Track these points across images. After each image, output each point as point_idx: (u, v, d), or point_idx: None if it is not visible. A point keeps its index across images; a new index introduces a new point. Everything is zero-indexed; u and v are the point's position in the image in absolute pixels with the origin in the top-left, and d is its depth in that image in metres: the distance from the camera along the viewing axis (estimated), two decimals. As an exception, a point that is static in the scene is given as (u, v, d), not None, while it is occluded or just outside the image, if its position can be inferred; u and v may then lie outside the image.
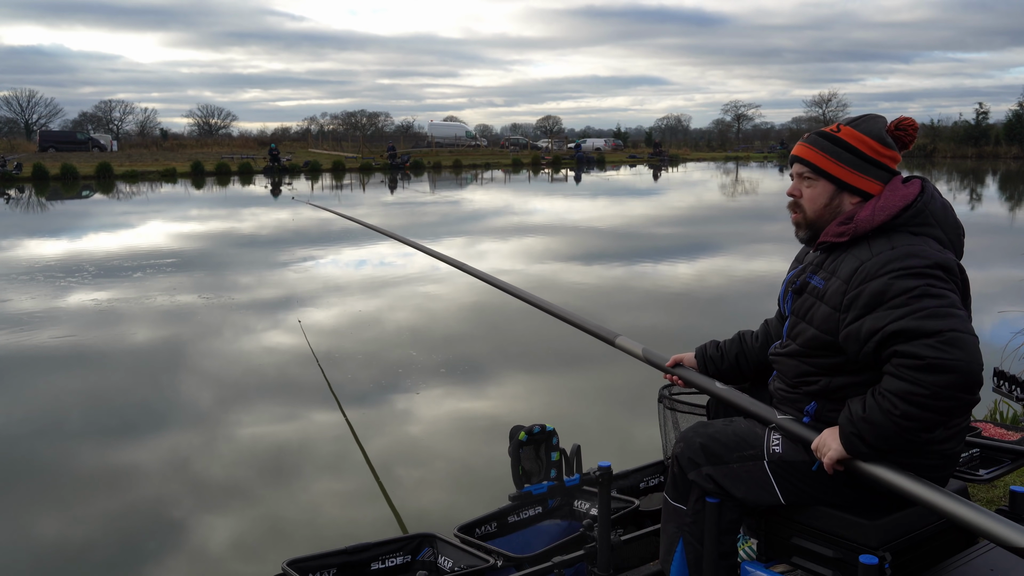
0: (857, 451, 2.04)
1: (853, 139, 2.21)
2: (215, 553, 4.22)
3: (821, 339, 2.14)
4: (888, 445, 2.01)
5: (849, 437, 2.05)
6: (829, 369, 2.17)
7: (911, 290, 1.96)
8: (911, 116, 2.23)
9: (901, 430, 1.96)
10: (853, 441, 2.04)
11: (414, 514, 4.54)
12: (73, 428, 5.92)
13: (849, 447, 2.05)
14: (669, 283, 11.52)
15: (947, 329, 1.89)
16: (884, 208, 2.12)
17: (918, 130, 2.26)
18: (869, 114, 2.27)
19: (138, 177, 39.21)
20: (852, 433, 2.04)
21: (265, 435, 5.72)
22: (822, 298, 2.14)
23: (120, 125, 77.71)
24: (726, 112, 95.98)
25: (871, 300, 2.01)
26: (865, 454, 2.04)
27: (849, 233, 2.14)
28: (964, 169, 47.64)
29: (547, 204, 26.44)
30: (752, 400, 2.36)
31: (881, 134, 2.20)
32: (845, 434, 2.06)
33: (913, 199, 2.13)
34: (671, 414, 3.27)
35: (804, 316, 2.21)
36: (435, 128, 71.17)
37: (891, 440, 1.99)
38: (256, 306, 10.01)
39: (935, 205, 2.15)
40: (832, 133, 2.24)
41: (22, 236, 17.59)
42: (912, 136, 2.24)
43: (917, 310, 1.93)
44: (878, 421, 1.98)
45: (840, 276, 2.10)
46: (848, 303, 2.05)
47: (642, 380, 4.04)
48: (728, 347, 2.62)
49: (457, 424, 6.00)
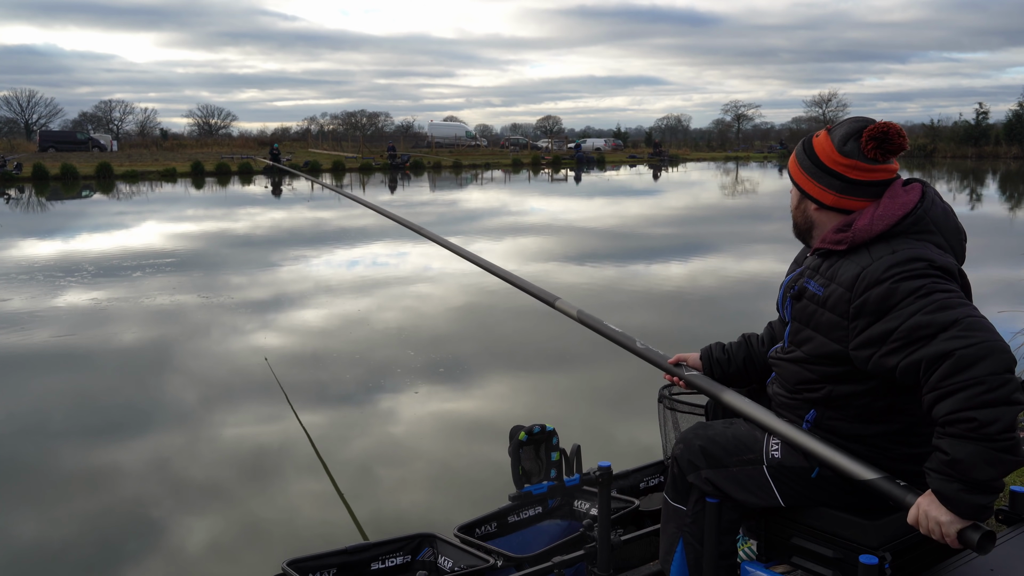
0: (976, 509, 1.79)
1: (818, 145, 2.17)
2: (195, 554, 4.22)
3: (828, 347, 2.09)
4: (995, 469, 1.76)
5: (958, 496, 1.78)
6: (833, 377, 2.12)
7: (918, 289, 1.91)
8: (910, 116, 2.19)
9: (994, 442, 1.74)
10: (964, 499, 1.78)
11: (403, 515, 4.54)
12: (58, 427, 5.92)
13: (966, 510, 1.79)
14: (661, 283, 11.52)
15: (963, 317, 1.83)
16: (883, 217, 2.06)
17: (901, 135, 2.09)
18: (851, 118, 2.18)
19: (138, 177, 39.20)
20: (960, 489, 1.78)
21: (247, 436, 5.71)
22: (824, 305, 2.09)
23: (120, 125, 77.87)
24: (726, 112, 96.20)
25: (878, 306, 1.95)
26: (986, 506, 1.79)
27: (847, 242, 2.08)
28: (964, 169, 47.64)
29: (546, 204, 26.45)
30: (783, 423, 2.20)
31: (843, 141, 2.11)
32: (951, 496, 1.79)
33: (912, 207, 2.07)
34: (671, 414, 3.27)
35: (807, 323, 2.15)
36: (435, 128, 71.18)
37: (993, 460, 1.75)
38: (249, 306, 10.01)
39: (936, 211, 2.09)
40: (811, 138, 2.22)
41: (22, 236, 17.59)
42: (893, 142, 2.08)
43: (927, 304, 1.87)
44: (970, 450, 1.75)
45: (841, 283, 2.05)
46: (856, 311, 1.99)
47: (642, 380, 4.05)
48: (735, 351, 2.57)
49: (457, 424, 5.99)
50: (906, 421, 2.08)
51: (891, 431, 2.09)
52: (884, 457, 2.09)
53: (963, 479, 1.78)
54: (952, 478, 1.79)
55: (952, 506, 1.80)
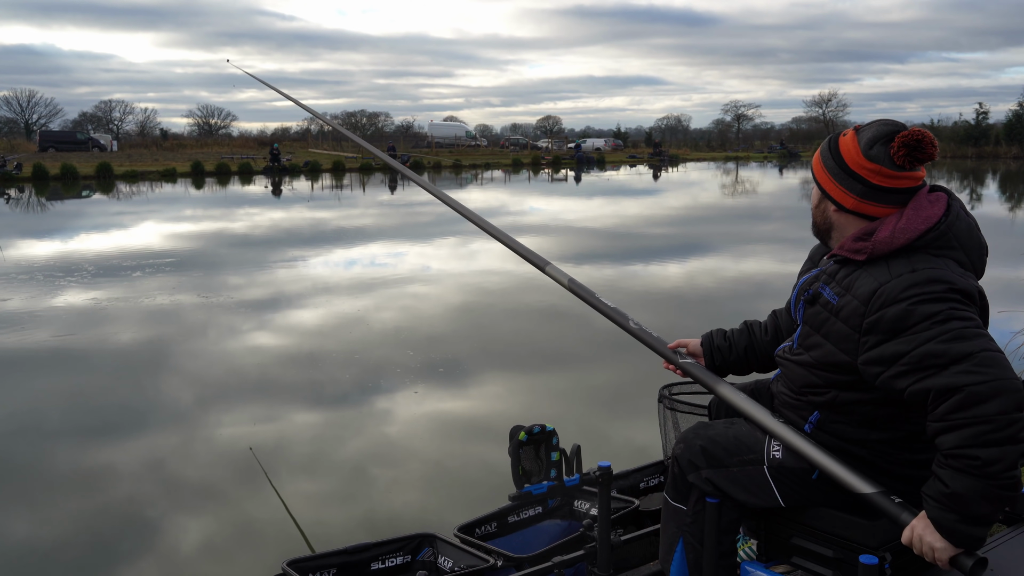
0: (970, 539, 1.83)
1: (843, 145, 2.09)
2: (193, 554, 4.21)
3: (837, 356, 2.06)
4: (993, 504, 1.80)
5: (954, 527, 1.81)
6: (839, 384, 2.09)
7: (935, 315, 1.87)
8: (910, 117, 2.16)
9: (994, 479, 1.76)
10: (960, 530, 1.81)
11: (404, 515, 4.54)
12: (54, 427, 5.91)
13: (960, 540, 1.82)
14: (660, 283, 11.51)
15: (978, 350, 1.81)
16: (905, 231, 1.99)
17: (934, 144, 2.01)
18: (881, 120, 2.09)
19: (138, 177, 39.20)
20: (957, 520, 1.81)
21: (244, 436, 5.70)
22: (837, 314, 2.04)
23: (120, 125, 77.72)
24: (726, 112, 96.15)
25: (893, 325, 1.91)
26: (981, 537, 1.84)
27: (866, 252, 2.02)
28: (964, 169, 47.65)
29: (545, 204, 26.45)
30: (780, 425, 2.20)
31: (870, 145, 2.04)
32: (948, 526, 1.82)
33: (936, 221, 2.00)
34: (671, 414, 3.27)
35: (818, 329, 2.11)
36: (435, 128, 71.20)
37: (991, 496, 1.78)
38: (246, 306, 10.01)
39: (960, 226, 2.03)
40: (838, 136, 2.15)
41: (22, 236, 17.58)
42: (925, 151, 2.00)
43: (943, 332, 1.84)
44: (969, 485, 1.78)
45: (857, 296, 2.00)
46: (869, 327, 1.95)
47: (642, 380, 4.05)
48: (736, 338, 2.52)
49: (456, 425, 5.99)
50: (909, 429, 2.07)
51: (894, 438, 2.08)
52: (886, 462, 2.09)
53: (960, 512, 1.81)
54: (949, 509, 1.82)
55: (947, 535, 1.84)
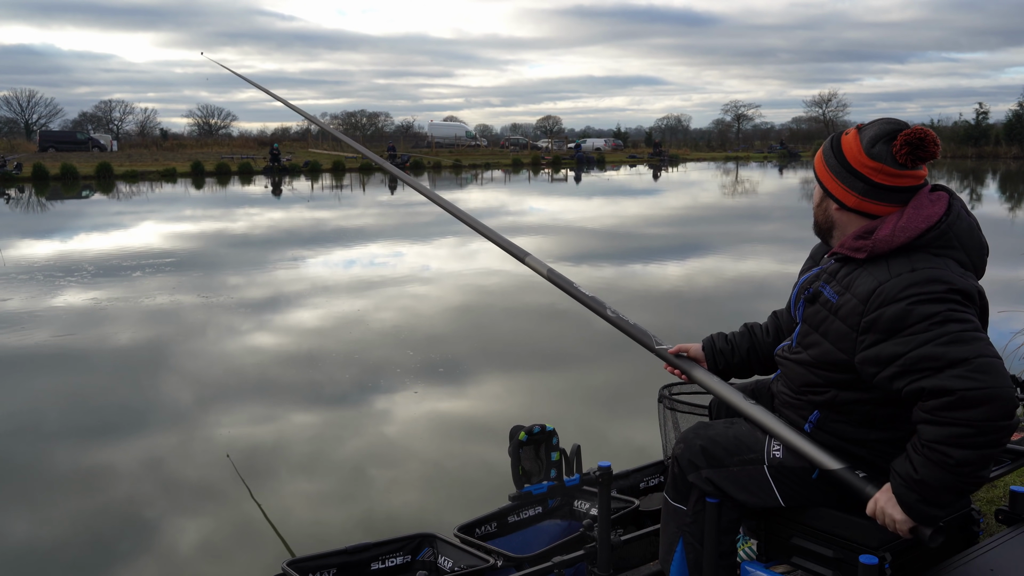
0: (929, 517, 1.92)
1: (846, 144, 2.10)
2: (192, 554, 4.20)
3: (835, 355, 2.06)
4: (956, 495, 1.90)
5: (915, 506, 1.91)
6: (838, 383, 2.10)
7: (933, 315, 1.87)
8: (910, 116, 2.16)
9: (962, 477, 1.85)
10: (920, 509, 1.91)
11: (404, 515, 4.54)
12: (53, 427, 5.90)
13: (919, 517, 1.92)
14: (659, 283, 11.50)
15: (974, 356, 1.81)
16: (905, 229, 2.00)
17: (936, 143, 2.02)
18: (884, 119, 2.10)
19: (138, 177, 39.19)
20: (918, 500, 1.90)
21: (242, 436, 5.69)
22: (836, 313, 2.05)
23: (120, 125, 77.70)
24: (726, 112, 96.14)
25: (891, 325, 1.92)
26: (940, 517, 1.94)
27: (866, 250, 2.03)
28: (964, 169, 47.64)
29: (545, 204, 26.44)
30: (777, 420, 2.23)
31: (872, 143, 2.05)
32: (910, 504, 1.91)
33: (936, 220, 2.01)
34: (671, 414, 3.28)
35: (817, 328, 2.12)
36: (435, 128, 71.20)
37: (956, 489, 1.88)
38: (245, 306, 10.01)
39: (961, 226, 2.03)
40: (840, 134, 2.16)
41: (22, 236, 17.58)
42: (928, 150, 2.01)
43: (940, 335, 1.85)
44: (937, 476, 1.86)
45: (856, 294, 2.00)
46: (867, 326, 1.96)
47: (642, 380, 4.05)
48: (738, 341, 2.52)
49: (456, 425, 5.99)
50: (909, 428, 2.06)
51: (894, 438, 2.09)
52: (886, 462, 2.08)
53: (927, 498, 1.90)
54: (914, 491, 1.91)
55: (907, 510, 1.93)
